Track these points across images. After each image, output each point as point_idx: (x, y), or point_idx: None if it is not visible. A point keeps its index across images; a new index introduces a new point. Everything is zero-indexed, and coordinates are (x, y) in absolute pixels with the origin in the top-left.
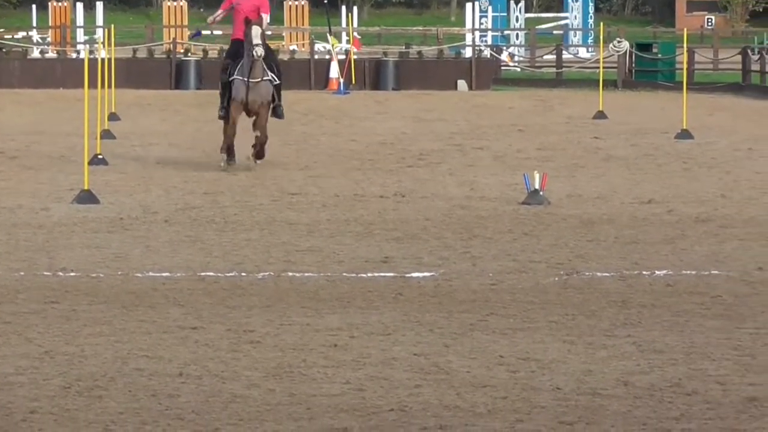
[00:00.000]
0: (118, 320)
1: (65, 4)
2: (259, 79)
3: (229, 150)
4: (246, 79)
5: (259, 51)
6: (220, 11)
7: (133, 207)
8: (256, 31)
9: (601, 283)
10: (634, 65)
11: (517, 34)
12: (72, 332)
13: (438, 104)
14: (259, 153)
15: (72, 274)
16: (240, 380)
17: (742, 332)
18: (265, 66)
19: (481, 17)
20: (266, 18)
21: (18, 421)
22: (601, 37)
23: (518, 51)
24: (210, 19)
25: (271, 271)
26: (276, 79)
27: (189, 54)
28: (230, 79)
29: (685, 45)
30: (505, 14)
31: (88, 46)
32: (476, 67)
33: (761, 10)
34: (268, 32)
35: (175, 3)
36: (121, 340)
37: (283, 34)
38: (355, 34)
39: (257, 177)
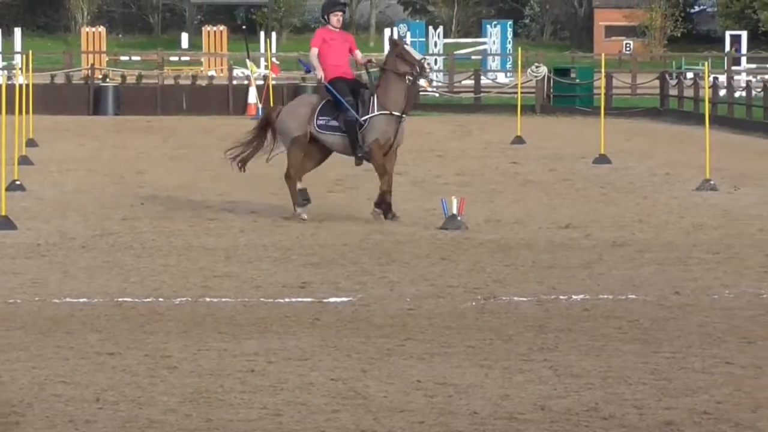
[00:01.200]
0: (35, 346)
1: None
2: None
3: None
4: (400, 114)
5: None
6: (316, 61)
7: (51, 233)
8: (410, 47)
9: (518, 308)
10: (552, 90)
11: (436, 60)
12: None
13: None
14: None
15: None
16: (157, 406)
17: (658, 356)
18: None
19: None
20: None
21: None
22: (519, 63)
23: (437, 76)
24: (319, 75)
25: (189, 297)
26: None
27: (107, 80)
28: (371, 116)
29: (602, 70)
30: (423, 39)
31: (5, 71)
32: None
33: (679, 35)
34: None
35: (93, 29)
36: (39, 365)
37: (202, 59)
38: (274, 59)
39: (175, 203)
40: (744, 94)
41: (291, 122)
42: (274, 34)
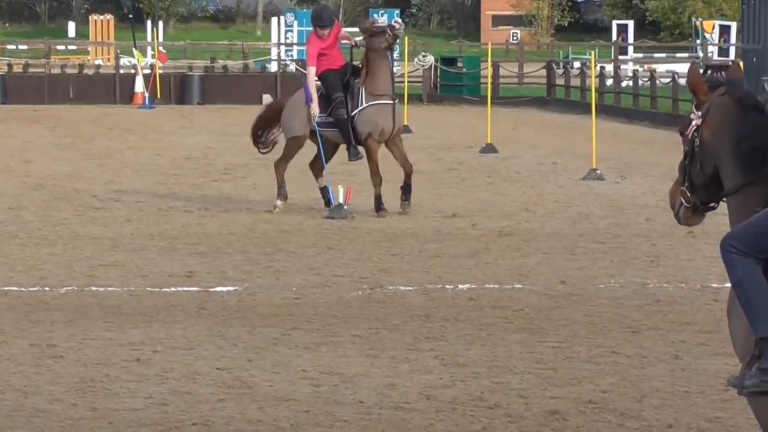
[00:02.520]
0: None
1: None
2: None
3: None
4: (390, 97)
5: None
6: (313, 88)
7: None
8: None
9: (404, 297)
10: (439, 80)
11: None
12: None
13: (243, 119)
14: (409, 187)
15: None
16: (42, 395)
17: (544, 346)
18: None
19: (286, 32)
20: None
21: None
22: (406, 52)
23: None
24: (314, 111)
25: (75, 286)
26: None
27: None
28: (360, 109)
29: (489, 59)
30: (310, 29)
31: None
32: (281, 81)
33: (566, 24)
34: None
35: None
36: None
37: (89, 48)
38: (160, 48)
39: (61, 192)
40: (631, 83)
41: (293, 122)
42: (160, 23)
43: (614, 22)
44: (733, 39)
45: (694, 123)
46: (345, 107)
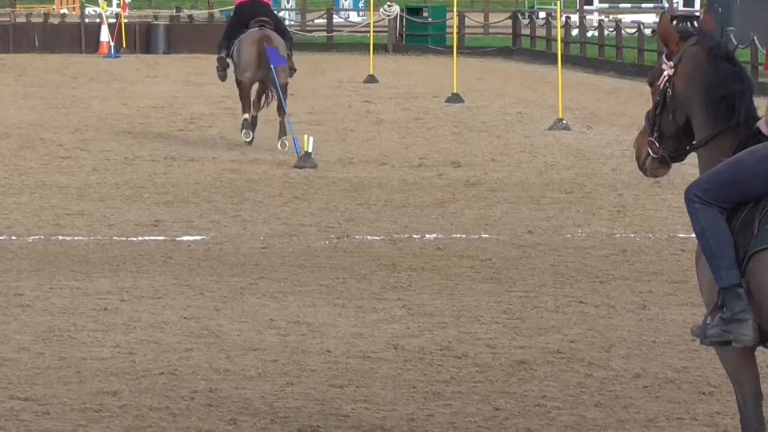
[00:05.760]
0: None
1: None
2: None
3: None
4: None
5: None
6: None
7: None
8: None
9: (371, 247)
10: (404, 29)
11: None
12: None
13: (209, 68)
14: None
15: None
16: (9, 344)
17: (511, 296)
18: None
19: None
20: None
21: None
22: (372, 1)
23: (289, 15)
24: None
25: (41, 235)
26: None
27: None
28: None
29: (455, 9)
30: None
31: None
32: None
33: None
34: None
35: None
36: None
37: None
38: None
39: (27, 141)
40: (596, 33)
41: None
42: None
43: None
44: None
45: (665, 73)
46: None
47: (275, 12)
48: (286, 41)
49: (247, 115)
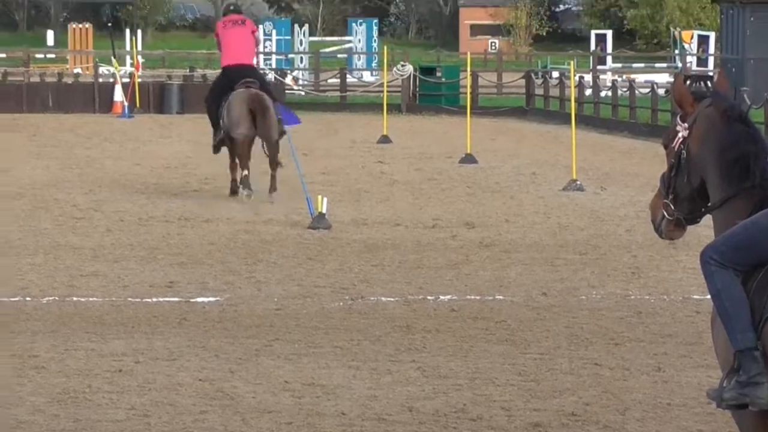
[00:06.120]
0: None
1: None
2: None
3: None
4: None
5: None
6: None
7: None
8: None
9: (385, 308)
10: (418, 89)
11: (302, 58)
12: None
13: None
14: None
15: None
16: (25, 406)
17: (526, 357)
18: None
19: (265, 40)
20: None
21: None
22: (385, 61)
23: (302, 75)
24: None
25: (56, 296)
26: None
27: None
28: None
29: (468, 69)
30: (289, 38)
31: None
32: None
33: (545, 33)
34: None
35: None
36: None
37: (68, 57)
38: (139, 57)
39: (41, 201)
40: (610, 93)
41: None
42: (139, 32)
43: (593, 32)
44: (711, 49)
45: (680, 135)
46: None
47: (262, 73)
48: (273, 101)
49: (246, 172)
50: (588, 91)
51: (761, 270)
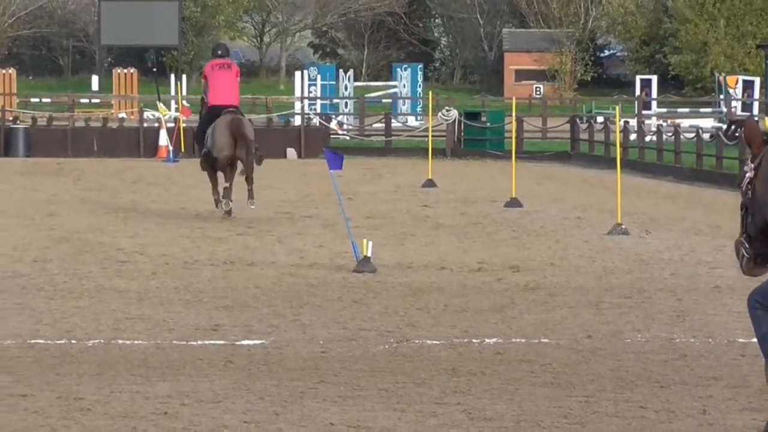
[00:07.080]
0: None
1: None
2: None
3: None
4: None
5: None
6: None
7: None
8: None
9: (430, 351)
10: (462, 134)
11: (346, 103)
12: None
13: (267, 172)
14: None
15: None
16: None
17: (571, 400)
18: None
19: (310, 85)
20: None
21: None
22: (430, 106)
23: (347, 119)
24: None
25: (101, 339)
26: None
27: (18, 122)
28: None
29: (513, 114)
30: (334, 83)
31: None
32: (305, 135)
33: (589, 79)
34: None
35: (3, 71)
36: None
37: (112, 102)
38: (184, 101)
39: (86, 245)
40: (655, 138)
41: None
42: (184, 77)
43: (637, 77)
44: (756, 94)
45: (747, 175)
46: None
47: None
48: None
49: (228, 184)
50: (633, 136)
51: None
